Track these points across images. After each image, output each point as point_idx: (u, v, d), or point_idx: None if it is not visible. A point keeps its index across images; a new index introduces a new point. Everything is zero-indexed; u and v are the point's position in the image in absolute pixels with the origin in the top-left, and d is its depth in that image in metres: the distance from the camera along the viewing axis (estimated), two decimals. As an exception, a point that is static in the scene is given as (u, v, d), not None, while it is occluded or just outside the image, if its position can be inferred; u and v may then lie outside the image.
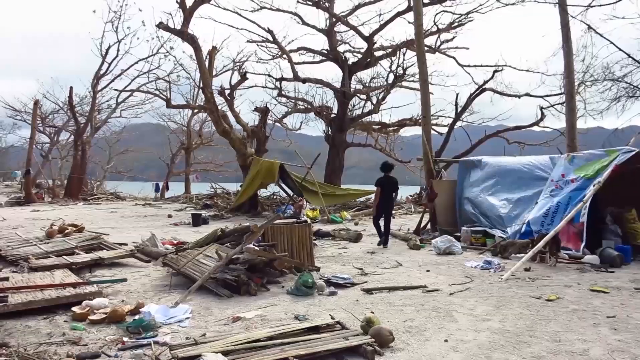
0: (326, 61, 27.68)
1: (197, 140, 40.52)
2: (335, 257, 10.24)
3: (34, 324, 5.70)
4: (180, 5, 20.74)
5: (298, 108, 28.70)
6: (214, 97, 21.74)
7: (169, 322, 5.74)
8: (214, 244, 8.41)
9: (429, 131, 15.57)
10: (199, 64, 21.72)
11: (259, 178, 18.76)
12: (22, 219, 18.22)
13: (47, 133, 42.58)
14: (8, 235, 12.14)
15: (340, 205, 20.75)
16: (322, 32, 26.43)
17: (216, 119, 21.49)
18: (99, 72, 32.60)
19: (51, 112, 41.18)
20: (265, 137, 22.95)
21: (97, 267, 8.99)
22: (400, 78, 26.01)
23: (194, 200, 27.85)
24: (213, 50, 23.41)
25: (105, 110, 36.86)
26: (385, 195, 11.65)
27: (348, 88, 25.74)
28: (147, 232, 12.77)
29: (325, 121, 26.98)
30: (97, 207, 25.21)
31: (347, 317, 5.74)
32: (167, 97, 28.96)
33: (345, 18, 25.75)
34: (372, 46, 25.80)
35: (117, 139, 45.02)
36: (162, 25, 21.13)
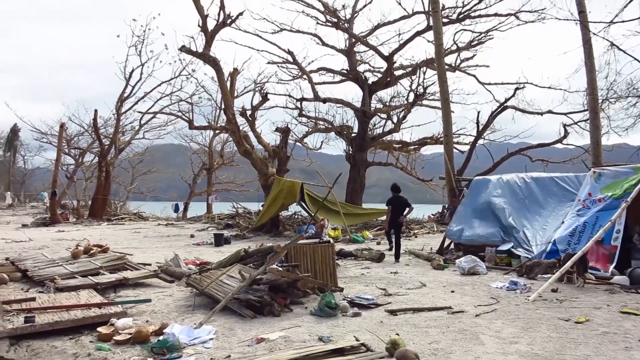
0: (346, 81, 27.87)
1: (218, 160, 40.86)
2: (358, 277, 10.17)
3: (60, 344, 5.76)
4: (202, 29, 21.10)
5: (319, 128, 28.86)
6: (235, 118, 21.96)
7: (193, 342, 5.76)
8: (237, 264, 8.43)
9: (451, 150, 15.52)
10: (221, 85, 21.99)
11: (280, 198, 18.82)
12: (48, 240, 18.51)
13: (72, 155, 43.42)
14: (34, 255, 12.34)
15: (362, 225, 20.66)
16: (341, 52, 26.66)
17: (238, 140, 21.68)
18: (123, 94, 33.20)
19: (76, 134, 42.09)
20: (287, 156, 23.05)
21: (121, 287, 9.06)
22: (421, 97, 26.05)
23: (215, 220, 28.01)
24: (234, 71, 23.71)
25: (128, 132, 37.49)
26: (395, 213, 13.08)
27: (368, 107, 25.83)
28: (170, 252, 12.86)
29: (346, 140, 27.05)
30: (120, 228, 25.50)
31: (371, 339, 5.68)
32: (189, 118, 29.34)
33: (364, 38, 25.96)
34: (392, 65, 25.91)
35: (140, 160, 45.68)
36: (185, 49, 21.49)
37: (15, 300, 7.33)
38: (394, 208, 13.16)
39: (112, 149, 33.73)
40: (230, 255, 9.25)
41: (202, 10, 20.74)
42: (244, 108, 23.89)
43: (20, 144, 66.04)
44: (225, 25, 21.45)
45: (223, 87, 21.84)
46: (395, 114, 27.38)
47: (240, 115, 23.25)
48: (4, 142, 68.20)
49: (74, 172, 43.50)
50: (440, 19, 17.09)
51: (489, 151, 25.79)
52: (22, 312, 6.64)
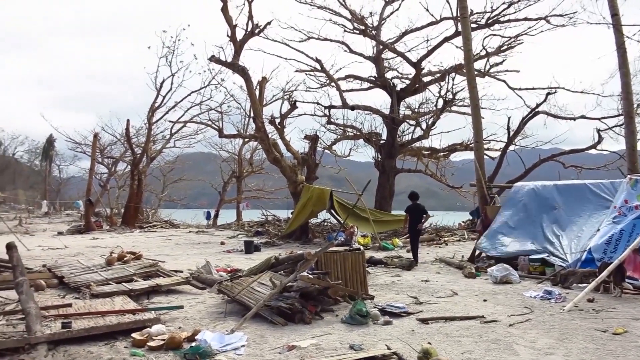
0: (374, 88, 27.80)
1: (247, 168, 41.20)
2: (389, 285, 10.11)
3: (96, 349, 5.87)
4: (231, 39, 21.39)
5: (347, 135, 28.83)
6: (264, 126, 22.16)
7: (224, 349, 5.80)
8: (268, 271, 8.47)
9: (482, 156, 15.31)
10: (250, 94, 22.24)
11: (309, 205, 18.87)
12: (83, 247, 18.93)
13: (106, 164, 44.37)
14: (70, 262, 12.63)
15: (392, 232, 20.54)
16: (369, 59, 26.64)
17: (267, 148, 21.85)
18: (154, 104, 33.81)
19: (109, 143, 43.05)
20: (315, 164, 23.12)
21: (154, 294, 9.19)
22: (450, 103, 25.81)
23: (245, 227, 28.21)
24: (263, 80, 23.95)
25: (160, 140, 38.13)
26: (413, 220, 13.56)
27: (397, 114, 25.71)
28: (202, 259, 13.00)
29: (375, 147, 26.95)
30: (152, 235, 25.90)
31: (403, 348, 5.64)
32: (219, 127, 29.69)
33: (392, 45, 25.89)
34: (420, 72, 25.76)
35: (171, 168, 46.40)
36: (214, 59, 21.81)
37: (53, 306, 7.51)
38: (411, 215, 13.61)
39: (144, 157, 34.34)
40: (261, 263, 9.30)
41: (231, 20, 21.04)
42: (272, 116, 24.08)
43: (55, 154, 67.84)
44: (254, 34, 21.71)
45: (252, 95, 22.07)
46: (424, 121, 27.17)
47: (269, 124, 23.44)
48: (40, 152, 70.14)
49: (107, 180, 44.41)
50: (469, 25, 16.93)
51: (521, 157, 25.38)
52: (59, 317, 6.79)
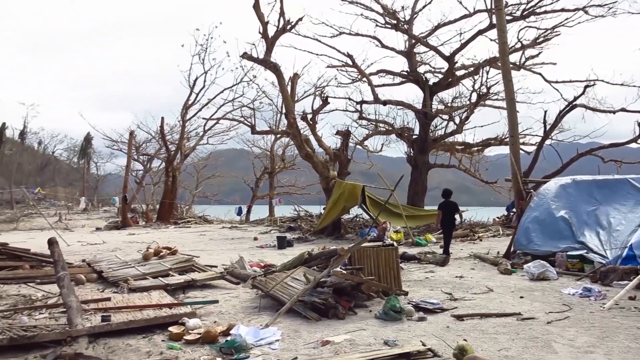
0: (406, 82, 27.56)
1: (280, 164, 41.43)
2: (422, 281, 10.03)
3: (134, 342, 5.99)
4: (263, 36, 21.52)
5: (379, 130, 28.68)
6: (296, 122, 22.23)
7: (259, 343, 5.85)
8: (301, 266, 8.51)
9: (518, 151, 15.02)
10: (282, 90, 22.34)
11: (341, 201, 18.85)
12: (120, 242, 19.35)
13: (141, 161, 45.32)
14: (108, 257, 12.93)
15: (425, 228, 20.36)
16: (401, 54, 26.40)
17: (299, 144, 21.93)
18: (188, 102, 34.30)
19: (144, 141, 43.97)
20: (347, 159, 23.07)
21: (189, 289, 9.34)
22: (484, 97, 25.39)
23: (278, 223, 28.39)
24: (295, 76, 24.03)
25: (193, 138, 38.72)
26: (445, 217, 13.76)
27: (429, 109, 25.43)
28: (235, 255, 13.16)
29: (407, 142, 26.74)
30: (186, 230, 26.30)
31: (438, 344, 5.59)
32: (251, 123, 29.94)
33: (424, 39, 25.59)
34: (454, 66, 25.41)
35: (204, 165, 47.03)
36: (246, 56, 21.98)
37: (92, 300, 7.71)
38: (444, 212, 13.81)
39: (178, 154, 34.89)
40: (294, 258, 9.35)
41: (263, 17, 21.15)
42: (304, 112, 24.13)
43: (93, 152, 69.58)
44: (285, 31, 21.79)
45: (284, 91, 22.17)
46: (458, 115, 26.80)
47: (301, 119, 23.49)
48: (78, 150, 72.01)
49: (143, 177, 45.41)
50: (504, 17, 16.61)
51: (557, 152, 24.74)
52: (98, 311, 6.96)
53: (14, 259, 11.03)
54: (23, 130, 66.35)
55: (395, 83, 28.12)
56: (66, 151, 77.52)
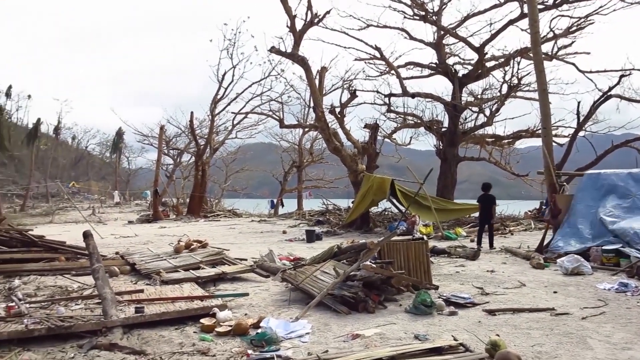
0: (435, 74, 27.23)
1: (308, 157, 41.50)
2: (453, 275, 9.93)
3: (167, 333, 6.09)
4: (291, 29, 21.52)
5: (407, 123, 28.45)
6: (324, 115, 22.19)
7: (289, 336, 5.89)
8: (331, 260, 8.52)
9: (550, 143, 14.70)
10: (310, 84, 22.32)
11: (370, 194, 18.78)
12: (152, 235, 19.69)
13: (171, 155, 45.98)
14: (141, 250, 13.18)
15: (454, 222, 20.16)
16: (430, 45, 26.09)
17: (327, 137, 21.90)
18: (216, 96, 34.56)
19: (174, 135, 44.62)
20: (376, 153, 22.96)
21: (220, 281, 9.46)
22: (515, 88, 24.90)
23: (306, 216, 28.47)
24: (323, 70, 23.96)
25: (222, 132, 39.04)
26: (483, 210, 14.18)
27: (459, 101, 25.10)
28: (265, 248, 13.23)
29: (436, 135, 26.46)
30: (216, 224, 26.60)
31: (469, 339, 5.54)
32: (280, 117, 30.02)
33: (453, 30, 25.23)
34: (483, 57, 24.99)
35: (233, 159, 47.46)
36: (274, 50, 22.02)
37: (126, 292, 7.87)
38: (482, 205, 14.22)
39: (207, 148, 35.25)
40: (323, 252, 9.37)
41: (290, 10, 21.14)
42: (332, 105, 24.08)
43: (124, 146, 70.91)
44: (313, 24, 21.73)
45: (312, 85, 22.15)
46: (488, 107, 26.36)
47: (330, 113, 23.45)
48: (110, 145, 73.43)
49: (173, 171, 46.05)
50: (536, 6, 16.21)
51: (591, 144, 24.10)
52: (132, 302, 7.10)
53: (50, 251, 11.33)
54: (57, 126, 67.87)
55: (423, 75, 27.82)
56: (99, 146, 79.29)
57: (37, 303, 7.20)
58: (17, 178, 55.46)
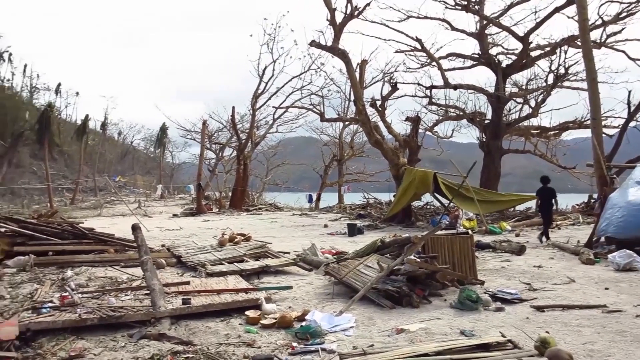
0: (478, 65, 26.69)
1: (348, 151, 41.42)
2: (498, 270, 9.74)
3: (213, 325, 6.20)
4: (331, 23, 21.47)
5: (449, 115, 28.05)
6: (365, 108, 22.09)
7: (334, 330, 5.90)
8: (374, 254, 8.48)
9: (600, 134, 14.24)
10: (350, 77, 22.24)
11: (412, 188, 18.59)
12: (196, 228, 20.06)
13: (213, 150, 46.69)
14: (186, 243, 13.46)
15: (499, 216, 19.76)
16: (472, 36, 25.57)
17: (369, 130, 21.79)
18: (257, 91, 34.88)
19: (216, 130, 45.30)
20: (418, 146, 22.72)
21: (263, 274, 9.57)
22: (562, 78, 24.15)
23: (347, 210, 28.44)
24: (363, 63, 23.82)
25: (263, 126, 39.40)
26: (542, 203, 14.25)
27: (502, 92, 24.52)
28: (307, 242, 13.30)
29: (479, 128, 25.98)
30: (258, 217, 26.89)
31: (517, 336, 5.42)
32: (320, 111, 30.04)
33: (497, 19, 24.65)
34: (528, 46, 24.33)
35: (274, 153, 47.83)
36: (314, 43, 22.03)
37: (173, 284, 8.05)
38: (541, 198, 14.24)
39: (248, 143, 35.62)
40: (366, 245, 9.33)
41: (330, 4, 21.09)
42: (373, 98, 23.94)
43: (168, 141, 72.47)
44: (353, 17, 21.62)
45: (352, 78, 22.06)
46: (533, 98, 25.69)
47: (370, 106, 23.34)
48: (154, 140, 75.20)
49: (215, 165, 46.78)
50: (585, -8, 15.67)
51: (643, 135, 23.21)
52: (179, 294, 7.26)
53: (100, 244, 11.71)
54: (104, 122, 70.00)
55: (465, 66, 27.32)
56: (143, 141, 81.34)
57: (89, 293, 7.45)
58: (67, 173, 57.47)
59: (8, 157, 48.66)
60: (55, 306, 6.54)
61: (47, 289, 7.90)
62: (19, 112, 52.23)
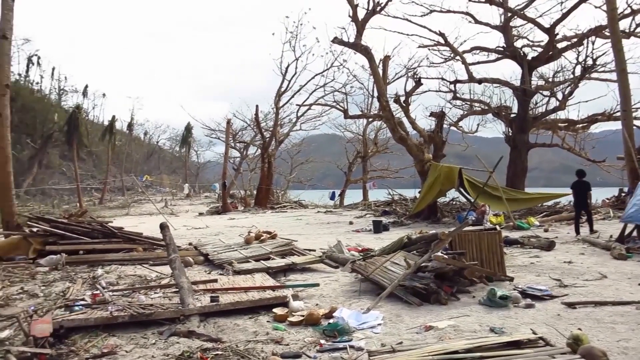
0: (503, 59, 26.29)
1: (372, 148, 41.26)
2: (527, 266, 9.60)
3: (242, 322, 6.25)
4: (353, 19, 21.40)
5: (474, 110, 27.71)
6: (389, 104, 21.97)
7: (361, 327, 5.90)
8: (401, 251, 8.44)
9: (631, 126, 13.94)
10: (374, 73, 22.15)
11: (437, 184, 18.42)
12: (222, 226, 20.23)
13: (238, 148, 47.03)
14: (213, 241, 13.58)
15: (527, 211, 19.45)
16: (496, 28, 25.19)
17: (393, 127, 21.67)
18: (280, 89, 35.01)
19: (240, 129, 45.59)
20: (442, 141, 22.50)
21: (290, 272, 9.60)
22: (590, 69, 23.63)
23: (372, 207, 28.35)
24: (386, 58, 23.68)
25: (287, 124, 39.53)
26: (577, 196, 14.15)
27: (528, 85, 24.11)
28: (332, 239, 13.30)
29: (505, 122, 25.59)
30: (283, 215, 26.97)
31: (548, 333, 5.33)
32: (344, 108, 29.99)
33: (521, 11, 24.24)
34: (554, 38, 23.86)
35: (297, 151, 47.95)
36: (337, 40, 21.99)
37: (201, 281, 8.12)
38: (576, 191, 14.17)
39: (272, 141, 35.77)
40: (393, 242, 9.29)
41: (352, 0, 21.01)
42: (397, 94, 23.77)
43: (193, 140, 73.29)
44: (375, 12, 21.52)
45: (375, 74, 21.97)
46: (560, 90, 25.19)
47: (394, 102, 23.19)
48: (179, 140, 76.12)
49: (240, 164, 47.14)
50: (613, -19, 15.31)
51: (676, 126, 22.58)
52: (207, 292, 7.34)
53: (129, 242, 11.90)
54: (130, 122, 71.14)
55: (490, 60, 26.94)
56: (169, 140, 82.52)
57: (119, 291, 7.57)
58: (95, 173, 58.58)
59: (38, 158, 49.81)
60: (87, 304, 6.67)
61: (79, 287, 8.06)
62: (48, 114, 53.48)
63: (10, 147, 13.71)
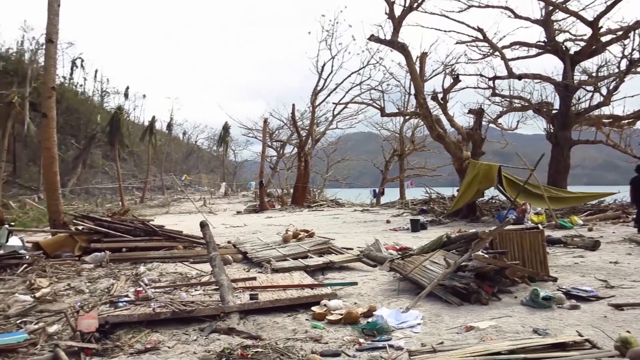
0: (543, 54, 25.63)
1: (409, 146, 40.93)
2: (571, 266, 9.34)
3: (281, 320, 6.29)
4: (389, 16, 21.23)
5: (514, 106, 27.15)
6: (426, 102, 21.73)
7: (401, 326, 5.86)
8: (440, 250, 8.35)
9: (681, 121, 13.37)
10: (410, 70, 21.94)
11: (476, 182, 18.11)
12: (259, 225, 20.41)
13: (274, 147, 47.38)
14: (251, 239, 13.72)
15: (569, 209, 18.92)
16: (537, 23, 24.58)
17: (430, 124, 21.43)
18: (316, 88, 35.08)
19: (277, 128, 45.93)
20: (481, 139, 22.11)
21: (327, 270, 9.61)
22: (636, 63, 22.83)
23: (409, 205, 28.12)
24: (423, 55, 23.44)
25: (323, 122, 39.61)
26: (634, 192, 14.01)
27: (571, 80, 23.44)
28: (370, 237, 13.25)
29: (546, 118, 24.98)
30: (320, 214, 27.01)
31: (594, 335, 5.18)
32: (380, 106, 29.84)
33: (563, 4, 23.58)
34: (598, 31, 23.10)
35: (334, 149, 48.00)
36: (373, 38, 21.86)
37: (240, 279, 8.20)
38: (634, 187, 14.05)
39: (309, 139, 35.89)
40: (432, 241, 9.20)
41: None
42: (434, 91, 23.53)
43: (230, 140, 74.21)
44: (412, 9, 21.31)
45: (412, 72, 21.76)
46: (604, 85, 24.40)
47: (431, 99, 22.96)
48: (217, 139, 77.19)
49: (277, 163, 47.50)
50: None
51: None
52: (246, 289, 7.41)
53: (169, 240, 12.14)
54: (169, 122, 72.58)
55: (530, 55, 26.31)
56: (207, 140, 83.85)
57: (161, 288, 7.71)
58: (136, 172, 60.02)
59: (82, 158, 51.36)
60: (131, 300, 6.83)
61: (123, 284, 8.26)
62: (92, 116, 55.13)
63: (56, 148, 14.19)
